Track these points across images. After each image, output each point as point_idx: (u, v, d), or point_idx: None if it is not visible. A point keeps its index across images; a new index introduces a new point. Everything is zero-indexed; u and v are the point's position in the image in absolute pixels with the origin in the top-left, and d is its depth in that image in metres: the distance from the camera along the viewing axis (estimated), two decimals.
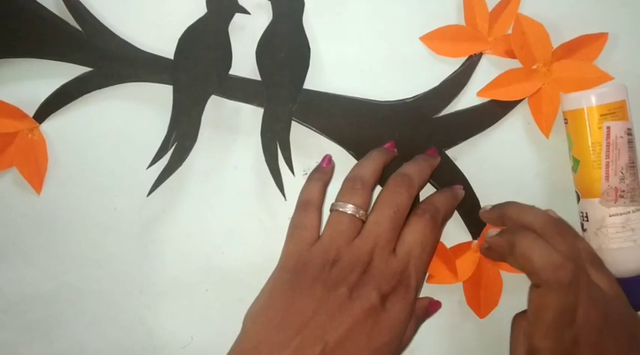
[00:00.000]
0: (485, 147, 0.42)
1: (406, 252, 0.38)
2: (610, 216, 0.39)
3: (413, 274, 0.37)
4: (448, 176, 0.42)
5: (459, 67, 0.41)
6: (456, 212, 0.42)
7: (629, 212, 0.38)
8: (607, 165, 0.39)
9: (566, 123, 0.41)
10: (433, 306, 0.41)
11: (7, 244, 0.43)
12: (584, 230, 0.41)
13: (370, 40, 0.41)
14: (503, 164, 0.43)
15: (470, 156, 0.42)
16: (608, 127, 0.38)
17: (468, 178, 0.42)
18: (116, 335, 0.44)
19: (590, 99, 0.39)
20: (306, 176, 0.42)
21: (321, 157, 0.42)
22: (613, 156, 0.38)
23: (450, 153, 0.42)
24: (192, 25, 0.40)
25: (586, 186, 0.40)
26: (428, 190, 0.42)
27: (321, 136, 0.41)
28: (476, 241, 0.42)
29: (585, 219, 0.40)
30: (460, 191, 0.41)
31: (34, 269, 0.43)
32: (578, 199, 0.41)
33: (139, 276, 0.44)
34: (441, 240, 0.42)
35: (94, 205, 0.43)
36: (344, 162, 0.41)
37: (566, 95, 0.40)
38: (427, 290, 0.43)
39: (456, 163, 0.42)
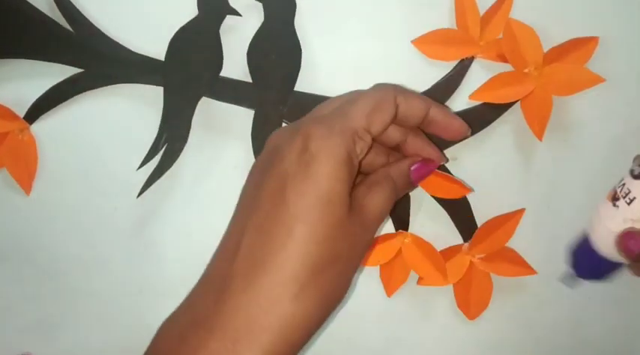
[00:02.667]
0: (477, 150, 0.42)
1: (334, 107, 0.32)
2: None
3: (337, 117, 0.30)
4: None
5: (451, 71, 0.41)
6: (446, 215, 0.42)
7: None
8: None
9: None
10: (419, 170, 0.34)
11: (6, 244, 0.43)
12: None
13: (362, 42, 0.41)
14: (496, 166, 0.43)
15: (462, 159, 0.42)
16: None
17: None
18: (116, 335, 0.44)
19: None
20: None
21: None
22: None
23: (449, 153, 0.42)
24: (184, 26, 0.40)
25: None
26: (418, 192, 0.42)
27: None
28: (466, 244, 0.42)
29: None
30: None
31: (30, 269, 0.43)
32: None
33: (139, 276, 0.44)
34: (432, 242, 0.42)
35: (85, 205, 0.43)
36: None
37: None
38: (418, 293, 0.43)
39: (453, 164, 0.42)
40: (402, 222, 0.42)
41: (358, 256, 0.30)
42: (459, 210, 0.42)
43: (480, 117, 0.41)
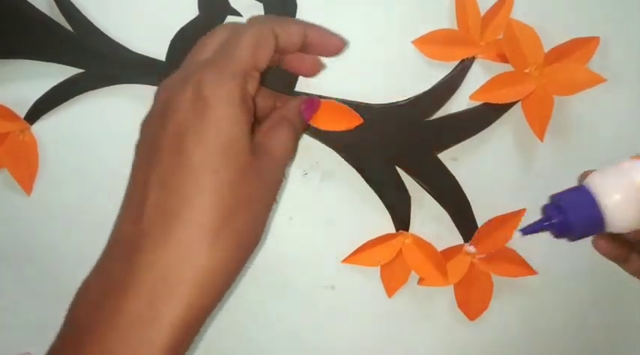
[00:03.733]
0: (478, 150, 0.42)
1: (217, 46, 0.32)
2: None
3: (226, 58, 0.30)
4: (439, 179, 0.42)
5: (451, 71, 0.41)
6: (447, 215, 0.42)
7: None
8: None
9: None
10: (308, 106, 0.35)
11: (7, 244, 0.43)
12: None
13: (362, 43, 0.41)
14: (496, 167, 0.43)
15: (463, 159, 0.42)
16: None
17: (461, 181, 0.42)
18: None
19: None
20: (306, 176, 0.42)
21: (312, 160, 0.42)
22: None
23: (450, 154, 0.42)
24: (185, 27, 0.40)
25: None
26: (419, 193, 0.42)
27: (312, 139, 0.41)
28: (468, 244, 0.42)
29: None
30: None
31: (30, 269, 0.43)
32: None
33: None
34: (433, 242, 0.42)
35: (86, 206, 0.43)
36: (335, 164, 0.41)
37: None
38: (418, 293, 0.43)
39: (454, 165, 0.42)
40: (402, 223, 0.42)
41: (269, 196, 0.30)
42: (459, 210, 0.42)
43: (481, 118, 0.41)
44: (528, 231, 0.33)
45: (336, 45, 0.35)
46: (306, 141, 0.42)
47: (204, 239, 0.26)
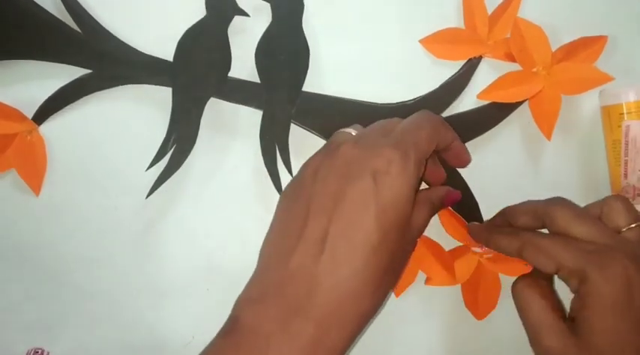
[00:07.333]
0: (485, 149, 0.42)
1: (399, 130, 0.36)
2: None
3: (410, 145, 0.35)
4: (447, 178, 0.42)
5: (459, 70, 0.41)
6: None
7: None
8: (626, 163, 0.39)
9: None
10: (450, 196, 0.40)
11: (8, 244, 0.43)
12: None
13: (370, 42, 0.41)
14: (504, 166, 0.43)
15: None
16: (627, 126, 0.39)
17: (468, 180, 0.42)
18: (117, 335, 0.44)
19: (616, 97, 0.40)
20: None
21: None
22: (631, 155, 0.39)
23: None
24: (192, 27, 0.40)
25: (612, 181, 0.41)
26: None
27: (320, 139, 0.41)
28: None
29: None
30: None
31: (34, 269, 0.44)
32: None
33: (140, 276, 0.44)
34: (440, 241, 0.42)
35: (94, 206, 0.43)
36: None
37: (602, 91, 0.41)
38: (425, 292, 0.43)
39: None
40: None
41: (407, 260, 0.37)
42: (467, 209, 0.42)
43: (488, 117, 0.42)
44: None
45: (466, 160, 0.41)
46: (306, 144, 0.42)
47: (368, 290, 0.33)
